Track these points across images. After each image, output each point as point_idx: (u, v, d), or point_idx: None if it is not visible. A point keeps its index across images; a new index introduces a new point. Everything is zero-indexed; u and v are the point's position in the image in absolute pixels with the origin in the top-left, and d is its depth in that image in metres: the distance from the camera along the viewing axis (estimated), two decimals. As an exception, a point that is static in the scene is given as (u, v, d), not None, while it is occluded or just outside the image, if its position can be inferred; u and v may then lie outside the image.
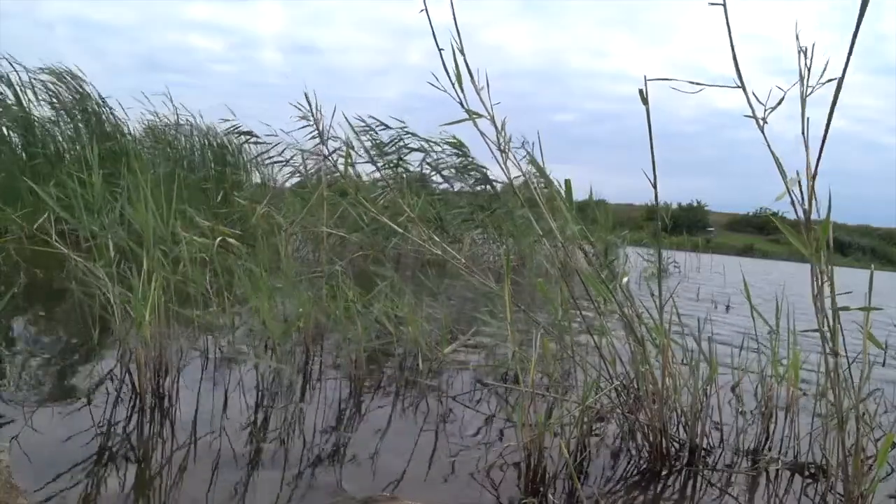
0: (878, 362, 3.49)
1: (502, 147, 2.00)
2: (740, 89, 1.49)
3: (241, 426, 1.93)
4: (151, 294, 2.10)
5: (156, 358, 2.13)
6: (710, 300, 6.52)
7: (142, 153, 7.25)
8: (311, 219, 3.58)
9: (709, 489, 1.78)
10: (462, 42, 1.86)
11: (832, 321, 1.45)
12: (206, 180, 7.77)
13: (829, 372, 1.55)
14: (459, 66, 1.87)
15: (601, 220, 8.11)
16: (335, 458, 1.76)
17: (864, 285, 1.64)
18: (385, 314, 2.83)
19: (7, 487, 1.29)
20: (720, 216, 47.45)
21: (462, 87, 1.90)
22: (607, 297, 1.95)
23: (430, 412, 2.24)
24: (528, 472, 1.66)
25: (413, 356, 2.82)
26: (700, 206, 43.93)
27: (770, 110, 1.46)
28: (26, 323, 3.09)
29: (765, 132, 1.48)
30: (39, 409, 1.88)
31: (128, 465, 1.59)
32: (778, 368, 2.22)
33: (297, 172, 7.57)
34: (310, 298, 2.70)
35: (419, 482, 1.64)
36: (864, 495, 1.49)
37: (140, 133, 8.28)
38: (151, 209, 2.18)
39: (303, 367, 2.65)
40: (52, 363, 2.43)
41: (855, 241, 40.42)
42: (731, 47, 1.47)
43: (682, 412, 1.94)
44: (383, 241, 6.13)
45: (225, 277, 2.63)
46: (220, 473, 1.58)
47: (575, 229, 1.94)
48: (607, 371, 1.97)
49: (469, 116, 1.94)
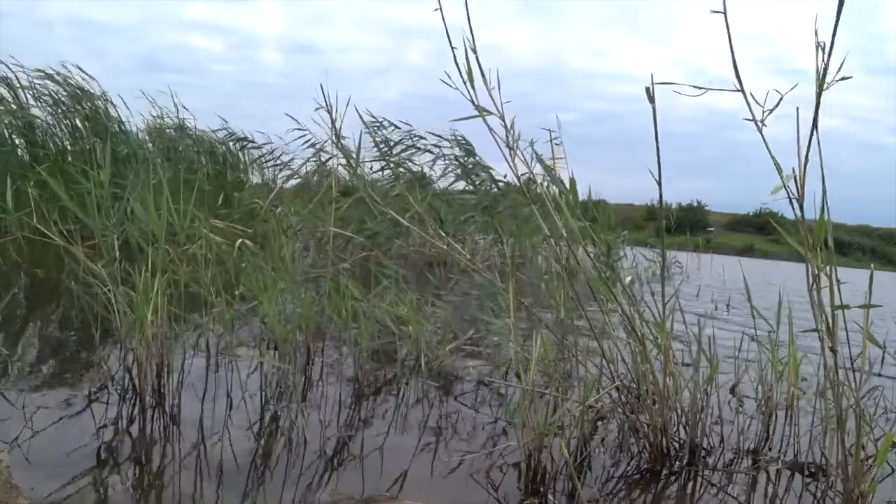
0: (878, 361, 3.49)
1: (511, 145, 2.02)
2: (739, 92, 1.50)
3: (242, 426, 1.93)
4: (154, 293, 2.10)
5: (157, 357, 2.14)
6: (710, 300, 6.52)
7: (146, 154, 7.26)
8: (316, 219, 3.58)
9: (709, 489, 1.78)
10: (475, 40, 1.87)
11: (831, 319, 1.46)
12: (206, 181, 7.77)
13: (827, 371, 1.56)
14: (472, 65, 1.89)
15: (602, 219, 8.09)
16: (336, 458, 1.76)
17: (864, 285, 1.64)
18: (387, 314, 2.83)
19: (7, 487, 1.30)
20: (720, 216, 47.43)
21: (473, 86, 1.92)
22: (609, 296, 1.96)
23: (432, 412, 2.25)
24: (528, 472, 1.66)
25: (415, 356, 2.82)
26: (700, 206, 43.87)
27: (768, 112, 1.47)
28: (27, 323, 3.10)
29: (763, 134, 1.48)
30: (40, 410, 1.88)
31: (128, 466, 1.59)
32: (778, 368, 2.22)
33: (297, 175, 7.59)
34: (313, 298, 2.70)
35: (420, 482, 1.65)
36: (863, 494, 1.50)
37: (142, 133, 8.31)
38: (165, 207, 2.18)
39: (305, 366, 2.65)
40: (52, 363, 2.43)
41: (855, 241, 40.40)
42: (731, 52, 1.47)
43: (683, 412, 1.94)
44: (386, 242, 6.13)
45: (228, 276, 2.63)
46: (221, 473, 1.59)
47: (576, 227, 1.94)
48: (608, 370, 1.97)
49: (479, 114, 1.95)
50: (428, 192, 6.45)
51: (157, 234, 2.18)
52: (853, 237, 41.43)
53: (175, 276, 2.34)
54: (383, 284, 2.95)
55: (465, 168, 7.85)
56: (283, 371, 2.38)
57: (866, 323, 1.59)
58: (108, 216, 2.21)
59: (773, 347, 2.21)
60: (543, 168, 2.08)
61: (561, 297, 2.09)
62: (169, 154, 7.80)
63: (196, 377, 2.33)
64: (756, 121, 1.49)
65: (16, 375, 2.21)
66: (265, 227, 2.75)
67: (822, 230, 1.41)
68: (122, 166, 6.18)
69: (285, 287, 2.61)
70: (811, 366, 2.28)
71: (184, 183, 5.25)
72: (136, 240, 2.30)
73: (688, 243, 11.75)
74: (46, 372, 2.30)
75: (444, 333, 2.94)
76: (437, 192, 8.11)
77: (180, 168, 7.13)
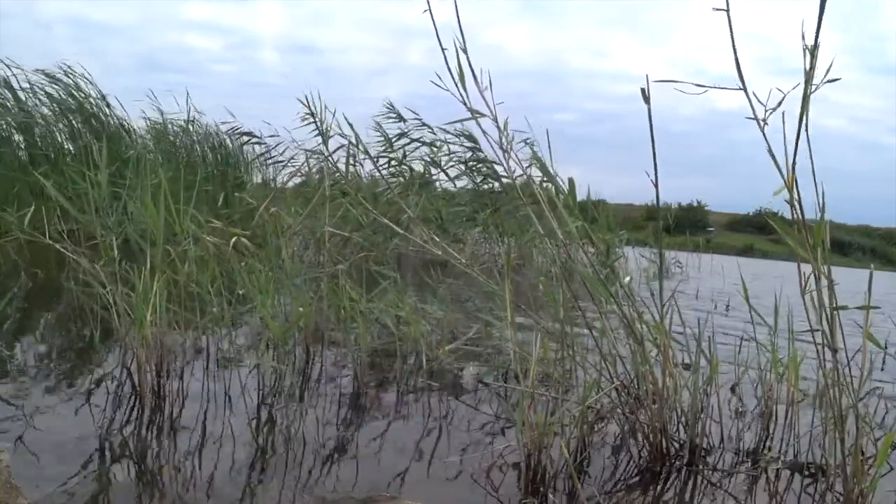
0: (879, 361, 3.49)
1: (504, 146, 2.01)
2: (741, 91, 1.50)
3: (241, 426, 1.93)
4: (154, 293, 2.10)
5: (157, 358, 2.14)
6: (710, 300, 6.51)
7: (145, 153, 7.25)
8: (313, 219, 3.57)
9: (709, 489, 1.78)
10: (465, 41, 1.86)
11: (829, 318, 1.45)
12: (207, 181, 7.76)
13: (826, 371, 1.56)
14: (462, 66, 1.88)
15: (601, 219, 8.08)
16: (336, 458, 1.76)
17: (864, 285, 1.64)
18: (386, 314, 2.83)
19: (7, 487, 1.30)
20: (720, 216, 47.38)
21: (465, 87, 1.91)
22: (607, 297, 1.96)
23: (431, 412, 2.25)
24: (528, 472, 1.66)
25: (414, 356, 2.82)
26: (700, 206, 43.83)
27: (770, 112, 1.47)
28: (27, 323, 3.10)
29: (765, 133, 1.48)
30: (40, 410, 1.88)
31: (128, 465, 1.59)
32: (778, 368, 2.22)
33: (300, 173, 7.54)
34: (311, 299, 2.70)
35: (420, 482, 1.65)
36: (863, 494, 1.49)
37: (143, 132, 8.30)
38: (165, 206, 2.18)
39: (304, 367, 2.65)
40: (52, 363, 2.43)
41: (855, 241, 40.38)
42: (734, 50, 1.47)
43: (682, 412, 1.94)
44: (384, 242, 6.12)
45: (228, 276, 2.63)
46: (221, 473, 1.59)
47: (573, 228, 1.94)
48: (608, 371, 1.97)
49: (472, 116, 1.95)
50: (425, 194, 6.41)
51: (156, 235, 2.18)
52: (853, 237, 41.40)
53: (175, 277, 2.33)
54: (381, 287, 2.95)
55: (467, 165, 7.81)
56: (282, 371, 2.38)
57: (866, 323, 1.59)
58: (107, 216, 2.21)
59: (773, 347, 2.21)
60: (540, 168, 2.08)
61: (560, 297, 2.09)
62: (170, 155, 7.78)
63: (195, 377, 2.33)
64: (758, 120, 1.49)
65: (16, 375, 2.21)
66: (267, 227, 2.75)
67: (821, 230, 1.41)
68: (123, 166, 6.17)
69: (283, 287, 2.61)
70: (811, 366, 2.28)
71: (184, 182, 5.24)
72: (135, 240, 2.30)
73: (688, 243, 11.76)
74: (46, 372, 2.30)
75: (443, 334, 2.94)
76: (438, 193, 8.08)
77: (181, 168, 7.12)
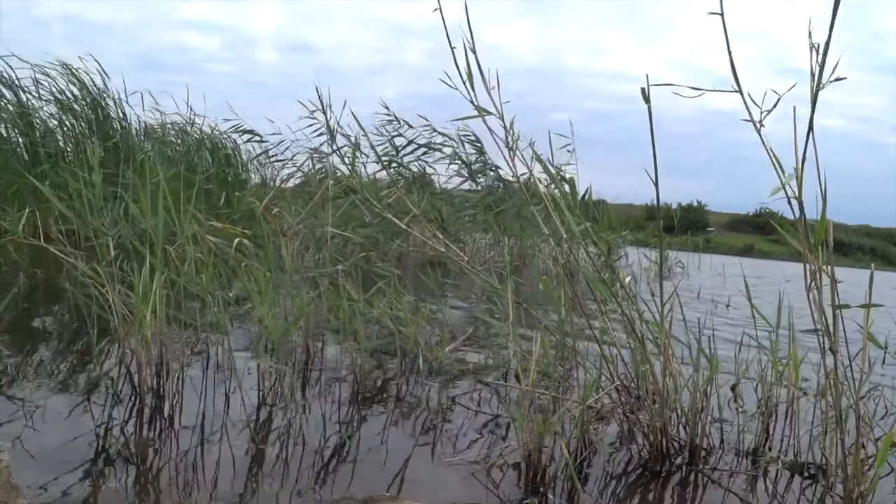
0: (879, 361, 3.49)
1: (510, 145, 2.02)
2: (738, 93, 1.50)
3: (241, 426, 1.93)
4: (153, 294, 2.10)
5: (156, 358, 2.14)
6: (710, 299, 6.51)
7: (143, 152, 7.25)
8: (314, 220, 3.57)
9: (709, 489, 1.78)
10: (474, 41, 1.87)
11: (831, 319, 1.45)
12: (208, 181, 7.76)
13: (826, 371, 1.56)
14: (471, 66, 1.88)
15: (602, 219, 8.09)
16: (335, 458, 1.76)
17: (864, 285, 1.64)
18: (386, 314, 2.83)
19: (7, 487, 1.30)
20: (720, 216, 47.44)
21: (473, 86, 1.92)
22: (608, 297, 1.96)
23: (431, 412, 2.25)
24: (528, 471, 1.66)
25: (414, 356, 2.82)
26: (700, 206, 43.86)
27: (766, 113, 1.47)
28: (26, 323, 3.09)
29: (762, 134, 1.48)
30: (39, 410, 1.88)
31: (128, 466, 1.59)
32: (778, 368, 2.22)
33: (299, 172, 7.53)
34: (311, 299, 2.70)
35: (420, 481, 1.64)
36: (863, 494, 1.49)
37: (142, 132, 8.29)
38: (163, 208, 2.17)
39: (303, 367, 2.65)
40: (52, 363, 2.43)
41: (855, 242, 40.40)
42: (729, 54, 1.47)
43: (683, 412, 1.94)
44: (385, 242, 6.11)
45: (227, 276, 2.63)
46: (221, 473, 1.59)
47: (576, 228, 1.94)
48: (608, 370, 1.97)
49: (479, 114, 1.95)
50: (426, 193, 6.41)
51: (154, 235, 2.18)
52: (853, 237, 41.42)
53: (174, 277, 2.33)
54: (378, 285, 2.95)
55: (470, 168, 7.80)
56: (281, 371, 2.38)
57: (866, 323, 1.59)
58: (103, 217, 2.21)
59: (773, 347, 2.21)
60: (543, 168, 2.08)
61: (561, 297, 2.09)
62: (170, 155, 7.78)
63: (195, 377, 2.33)
64: (754, 122, 1.48)
65: (15, 375, 2.21)
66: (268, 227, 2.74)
67: (822, 229, 1.41)
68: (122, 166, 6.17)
69: (282, 288, 2.61)
70: (811, 366, 2.28)
71: (184, 182, 5.25)
72: (131, 241, 2.29)
73: (688, 243, 11.76)
74: (46, 372, 2.30)
75: (442, 333, 2.94)
76: (438, 192, 8.08)
77: (181, 168, 7.12)
